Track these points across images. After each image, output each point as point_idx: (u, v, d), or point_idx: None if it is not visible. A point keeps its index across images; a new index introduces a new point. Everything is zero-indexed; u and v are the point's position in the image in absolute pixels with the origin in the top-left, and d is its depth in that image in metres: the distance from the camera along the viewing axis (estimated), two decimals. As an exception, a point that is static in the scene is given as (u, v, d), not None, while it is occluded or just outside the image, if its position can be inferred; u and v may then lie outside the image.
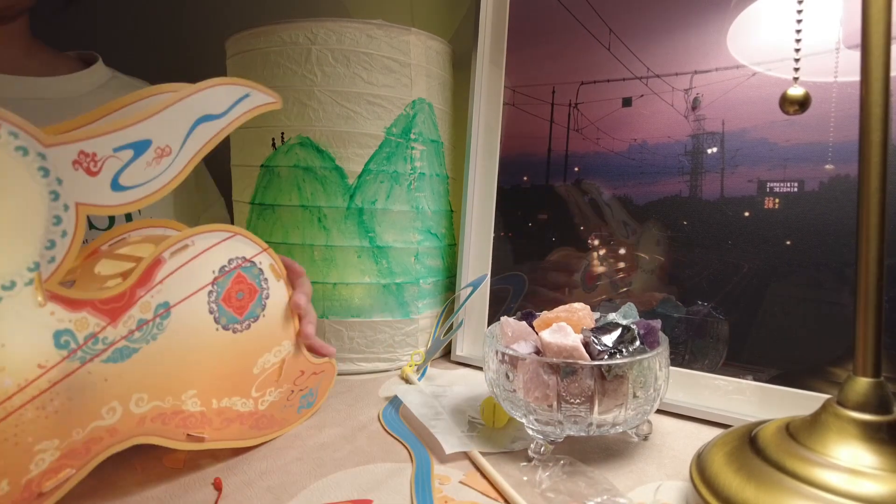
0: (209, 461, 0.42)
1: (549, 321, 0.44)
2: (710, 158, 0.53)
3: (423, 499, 0.36)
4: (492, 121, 0.67)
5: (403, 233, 0.64)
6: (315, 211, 0.61)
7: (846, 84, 0.47)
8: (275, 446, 0.44)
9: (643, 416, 0.42)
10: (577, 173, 0.61)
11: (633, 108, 0.57)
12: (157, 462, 0.41)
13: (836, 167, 0.47)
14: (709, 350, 0.52)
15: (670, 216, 0.55)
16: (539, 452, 0.41)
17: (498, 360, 0.42)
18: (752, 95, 0.51)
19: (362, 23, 0.60)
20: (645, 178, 0.56)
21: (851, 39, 0.46)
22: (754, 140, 0.51)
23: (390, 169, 0.62)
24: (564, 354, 0.40)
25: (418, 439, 0.45)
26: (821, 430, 0.33)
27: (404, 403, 0.51)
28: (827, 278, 0.47)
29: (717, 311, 0.52)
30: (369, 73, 0.60)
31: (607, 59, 0.59)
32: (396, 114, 0.62)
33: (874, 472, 0.30)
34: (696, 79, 0.54)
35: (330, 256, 0.61)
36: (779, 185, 0.49)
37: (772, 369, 0.49)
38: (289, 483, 0.39)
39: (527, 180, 0.64)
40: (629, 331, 0.42)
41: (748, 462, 0.34)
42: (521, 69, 0.65)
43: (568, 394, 0.39)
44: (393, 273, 0.63)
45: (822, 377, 0.47)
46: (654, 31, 0.56)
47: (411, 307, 0.65)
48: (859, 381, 0.33)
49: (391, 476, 0.40)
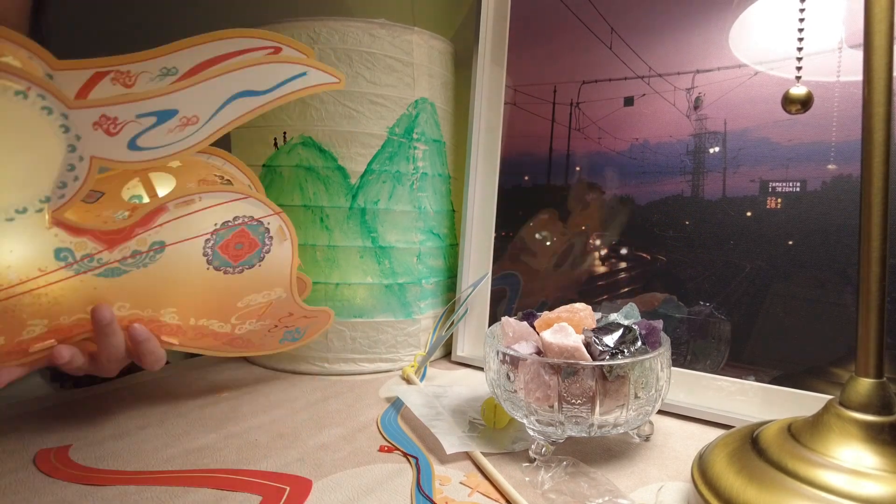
0: (210, 461, 0.42)
1: (551, 321, 0.44)
2: (712, 158, 0.53)
3: (423, 499, 0.36)
4: (493, 120, 0.67)
5: (406, 233, 0.64)
6: (317, 211, 0.61)
7: (848, 83, 0.46)
8: (275, 446, 0.44)
9: (645, 417, 0.42)
10: (578, 173, 0.61)
11: (635, 107, 0.57)
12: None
13: (838, 167, 0.47)
14: (710, 350, 0.51)
15: (672, 216, 0.54)
16: (540, 453, 0.41)
17: (499, 360, 0.42)
18: (755, 95, 0.51)
19: (365, 22, 0.60)
20: (646, 177, 0.56)
21: (854, 39, 0.46)
22: (756, 139, 0.51)
23: (393, 169, 0.62)
24: (566, 355, 0.40)
25: (417, 445, 0.45)
26: (823, 431, 0.33)
27: (405, 404, 0.51)
28: (829, 278, 0.47)
29: (718, 311, 0.51)
30: (372, 72, 0.60)
31: (609, 58, 0.59)
32: (399, 113, 0.62)
33: (876, 472, 0.30)
34: (698, 78, 0.54)
35: (332, 257, 0.61)
36: (781, 185, 0.49)
37: (774, 370, 0.48)
38: (290, 483, 0.39)
39: (528, 180, 0.64)
40: (631, 331, 0.42)
41: (750, 463, 0.34)
42: (523, 68, 0.65)
43: (569, 394, 0.39)
44: (395, 273, 0.63)
45: (825, 378, 0.46)
46: (656, 30, 0.56)
47: (413, 307, 0.65)
48: (861, 381, 0.33)
49: (391, 476, 0.40)
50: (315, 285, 0.62)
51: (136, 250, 0.40)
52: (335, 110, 0.60)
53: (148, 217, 0.40)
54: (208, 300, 0.45)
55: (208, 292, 0.44)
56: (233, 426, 0.48)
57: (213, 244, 0.42)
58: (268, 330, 0.48)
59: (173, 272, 0.42)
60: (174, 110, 0.37)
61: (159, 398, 0.54)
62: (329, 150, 0.60)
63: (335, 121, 0.60)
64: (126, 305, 0.42)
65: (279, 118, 0.61)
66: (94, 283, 0.40)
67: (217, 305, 0.45)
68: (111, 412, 0.51)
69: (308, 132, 0.60)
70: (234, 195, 0.43)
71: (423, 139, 0.64)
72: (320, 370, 0.62)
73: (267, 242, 0.45)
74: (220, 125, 0.39)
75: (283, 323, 0.49)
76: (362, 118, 0.60)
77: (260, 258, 0.45)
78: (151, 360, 0.46)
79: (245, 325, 0.47)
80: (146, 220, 0.40)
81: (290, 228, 0.47)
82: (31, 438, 0.45)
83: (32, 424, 0.48)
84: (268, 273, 0.46)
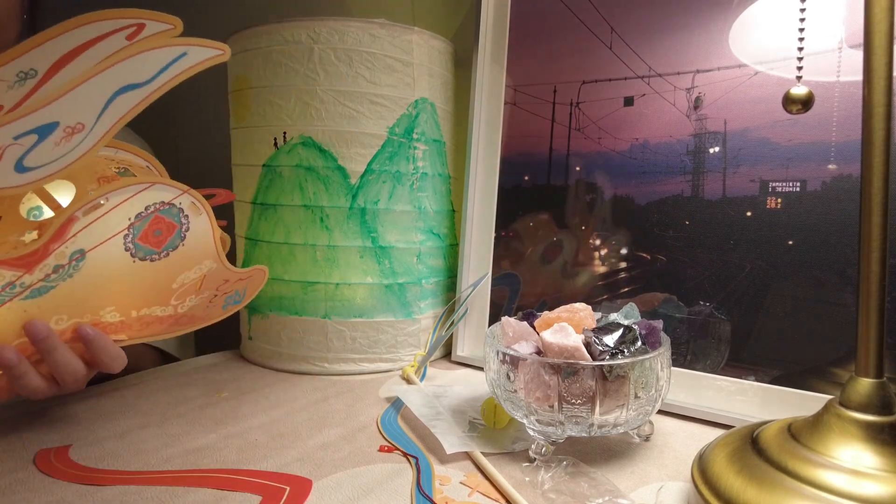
0: (210, 461, 0.42)
1: (551, 321, 0.44)
2: (712, 158, 0.53)
3: (423, 499, 0.36)
4: (493, 120, 0.67)
5: (406, 233, 0.64)
6: (317, 211, 0.61)
7: (849, 83, 0.46)
8: (275, 446, 0.44)
9: (645, 417, 0.42)
10: (578, 173, 0.61)
11: (635, 107, 0.57)
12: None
13: (838, 167, 0.47)
14: (710, 350, 0.51)
15: (672, 216, 0.54)
16: (540, 453, 0.41)
17: (499, 360, 0.42)
18: (755, 95, 0.51)
19: (365, 22, 0.60)
20: (646, 177, 0.56)
21: (854, 39, 0.46)
22: (756, 139, 0.51)
23: (393, 169, 0.62)
24: (566, 355, 0.40)
25: (417, 445, 0.45)
26: (823, 431, 0.33)
27: (405, 404, 0.51)
28: (829, 278, 0.47)
29: (718, 311, 0.51)
30: (372, 72, 0.60)
31: (609, 57, 0.59)
32: (399, 113, 0.62)
33: (876, 472, 0.30)
34: (698, 78, 0.54)
35: (332, 257, 0.61)
36: (781, 185, 0.49)
37: (774, 370, 0.48)
38: (290, 483, 0.39)
39: (528, 180, 0.64)
40: (631, 331, 0.42)
41: (750, 463, 0.34)
42: (523, 68, 0.65)
43: (569, 394, 0.39)
44: (395, 273, 0.63)
45: (825, 378, 0.46)
46: (656, 29, 0.56)
47: (413, 307, 0.65)
48: (861, 381, 0.33)
49: (391, 476, 0.40)
50: (315, 285, 0.62)
51: (57, 265, 0.38)
52: (335, 110, 0.60)
53: (59, 232, 0.37)
54: (144, 290, 0.44)
55: (141, 283, 0.43)
56: (233, 426, 0.48)
57: (132, 238, 0.41)
58: (209, 301, 0.48)
59: (101, 274, 0.41)
60: (54, 123, 0.34)
61: (159, 398, 0.54)
62: (329, 150, 0.60)
63: (335, 121, 0.60)
64: (63, 318, 0.41)
65: (279, 118, 0.61)
66: (24, 307, 0.39)
67: (154, 293, 0.45)
68: (111, 412, 0.51)
69: (308, 132, 0.60)
70: (140, 186, 0.40)
71: (423, 139, 0.64)
72: (320, 370, 0.62)
73: (184, 221, 0.43)
74: (109, 125, 0.37)
75: (221, 290, 0.48)
76: (362, 118, 0.60)
77: (182, 237, 0.44)
78: (108, 359, 0.44)
79: (186, 302, 0.46)
80: (58, 235, 0.37)
81: (201, 200, 0.45)
82: (31, 438, 0.45)
83: (32, 424, 0.48)
84: (193, 249, 0.45)
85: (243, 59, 0.63)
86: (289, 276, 0.62)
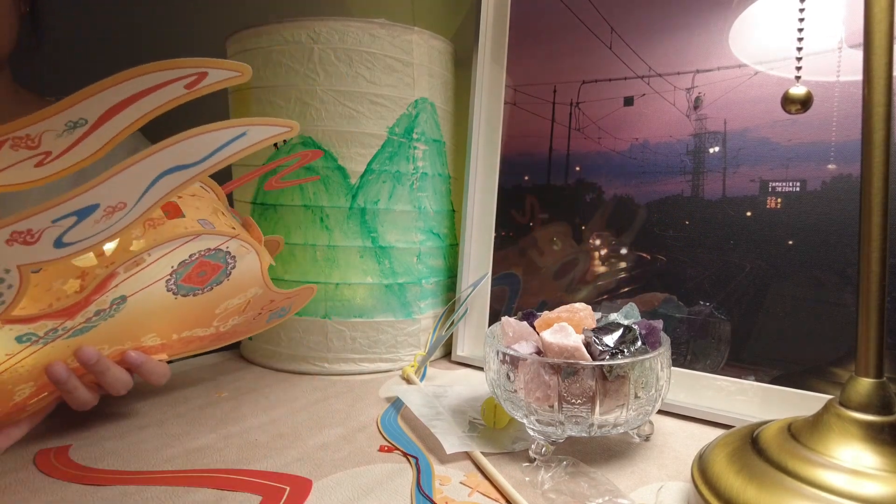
0: (210, 461, 0.42)
1: (551, 321, 0.44)
2: (712, 158, 0.53)
3: (423, 499, 0.36)
4: (493, 120, 0.67)
5: (406, 233, 0.64)
6: (317, 211, 0.61)
7: (848, 83, 0.46)
8: (275, 446, 0.44)
9: (645, 417, 0.42)
10: (578, 173, 0.61)
11: (635, 107, 0.57)
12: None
13: (838, 167, 0.47)
14: (710, 350, 0.51)
15: (672, 216, 0.54)
16: (540, 453, 0.41)
17: (499, 360, 0.42)
18: (754, 95, 0.51)
19: (365, 22, 0.60)
20: (646, 177, 0.56)
21: (854, 39, 0.46)
22: (756, 139, 0.51)
23: (393, 169, 0.62)
24: (566, 355, 0.40)
25: (417, 445, 0.45)
26: (823, 431, 0.33)
27: (405, 404, 0.51)
28: (829, 278, 0.47)
29: (718, 311, 0.51)
30: (372, 72, 0.60)
31: (609, 57, 0.59)
32: (399, 113, 0.62)
33: (876, 472, 0.30)
34: (698, 78, 0.54)
35: (332, 257, 0.61)
36: (781, 185, 0.49)
37: (773, 370, 0.48)
38: (290, 483, 0.39)
39: (528, 180, 0.64)
40: (631, 331, 0.42)
41: (750, 463, 0.34)
42: (523, 68, 0.65)
43: (569, 394, 0.39)
44: (395, 273, 0.63)
45: (824, 378, 0.46)
46: (656, 30, 0.56)
47: (413, 307, 0.65)
48: (861, 381, 0.33)
49: (391, 476, 0.40)
50: (316, 285, 0.62)
51: (99, 310, 0.39)
52: (335, 110, 0.60)
53: (100, 286, 0.37)
54: (185, 318, 0.45)
55: (183, 313, 0.44)
56: (233, 426, 0.48)
57: (174, 281, 0.41)
58: (253, 318, 0.48)
59: (142, 311, 0.41)
60: (94, 205, 0.32)
61: (159, 398, 0.54)
62: (329, 150, 0.60)
63: (335, 121, 0.60)
64: (105, 347, 0.43)
65: (279, 118, 0.60)
66: (67, 343, 0.40)
67: (195, 318, 0.45)
68: (111, 412, 0.51)
69: (308, 132, 0.60)
70: (183, 240, 0.39)
71: (423, 139, 0.64)
72: (320, 370, 0.62)
73: (230, 262, 0.43)
74: (150, 203, 0.35)
75: (266, 309, 0.49)
76: (362, 118, 0.60)
77: (227, 275, 0.44)
78: (155, 378, 0.47)
79: (228, 322, 0.47)
80: (99, 288, 0.37)
81: (250, 240, 0.44)
82: (31, 438, 0.45)
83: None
84: (239, 282, 0.45)
85: (243, 59, 0.63)
86: (289, 276, 0.62)
